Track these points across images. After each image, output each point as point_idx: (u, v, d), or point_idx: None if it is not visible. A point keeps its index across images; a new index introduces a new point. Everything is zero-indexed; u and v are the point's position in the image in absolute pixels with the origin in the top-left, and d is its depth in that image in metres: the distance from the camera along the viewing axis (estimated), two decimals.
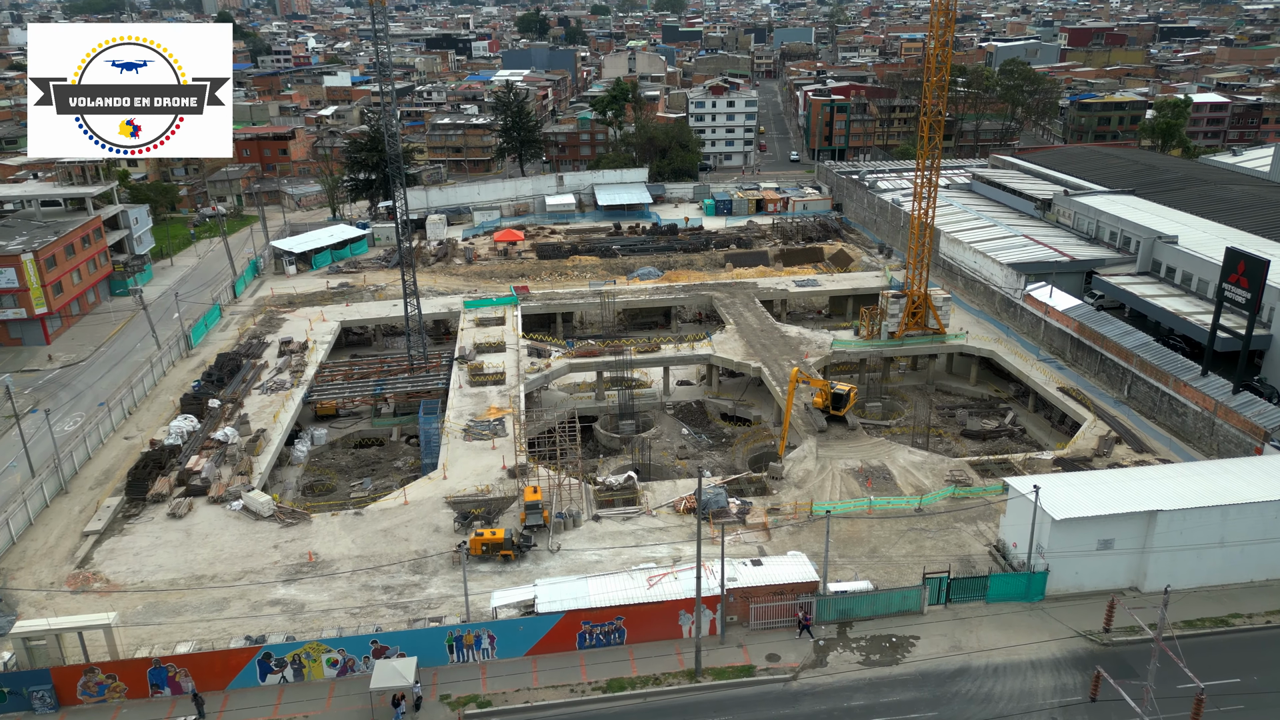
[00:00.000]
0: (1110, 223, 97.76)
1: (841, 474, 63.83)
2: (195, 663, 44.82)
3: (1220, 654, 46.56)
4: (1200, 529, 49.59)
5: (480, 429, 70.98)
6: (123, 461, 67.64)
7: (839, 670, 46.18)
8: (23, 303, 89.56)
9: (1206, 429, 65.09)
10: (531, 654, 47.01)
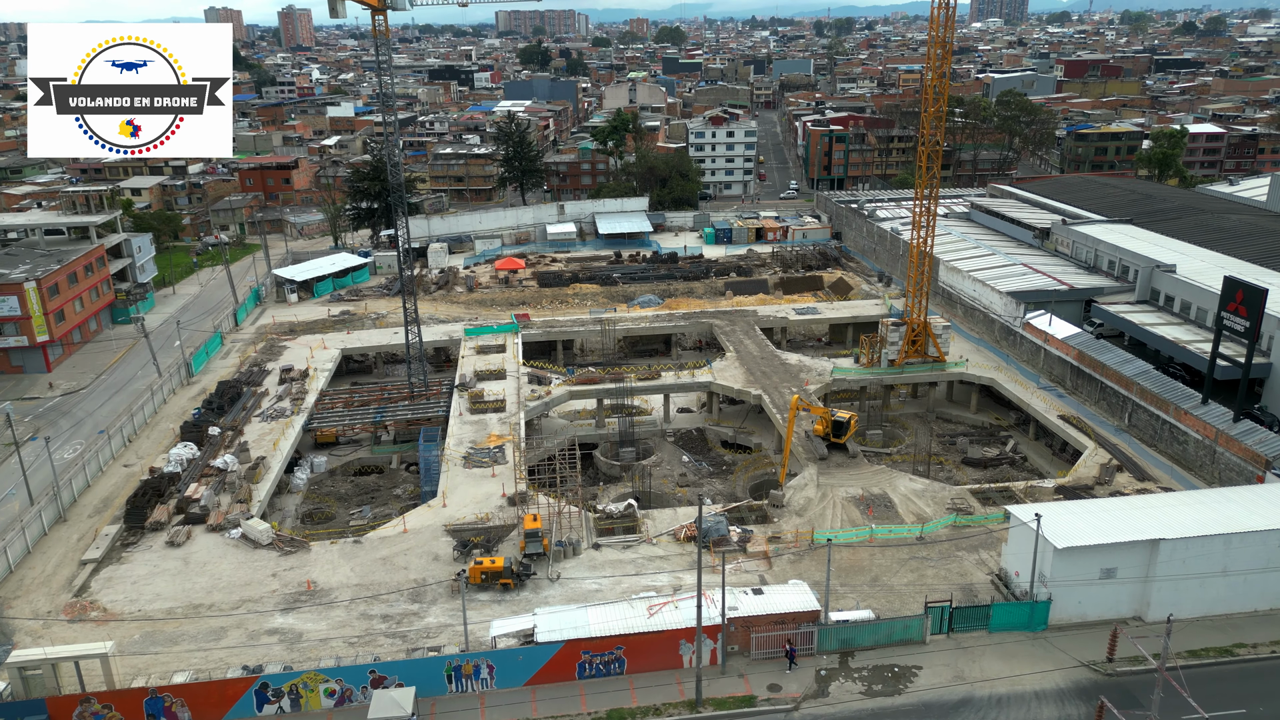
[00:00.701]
0: (1109, 251, 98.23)
1: (842, 502, 63.65)
2: (192, 693, 44.45)
3: (1225, 685, 46.20)
4: (1203, 558, 49.39)
5: (480, 456, 70.90)
6: (122, 489, 67.53)
7: (841, 700, 45.78)
8: (24, 330, 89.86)
9: (1208, 457, 64.99)
10: (531, 684, 46.62)
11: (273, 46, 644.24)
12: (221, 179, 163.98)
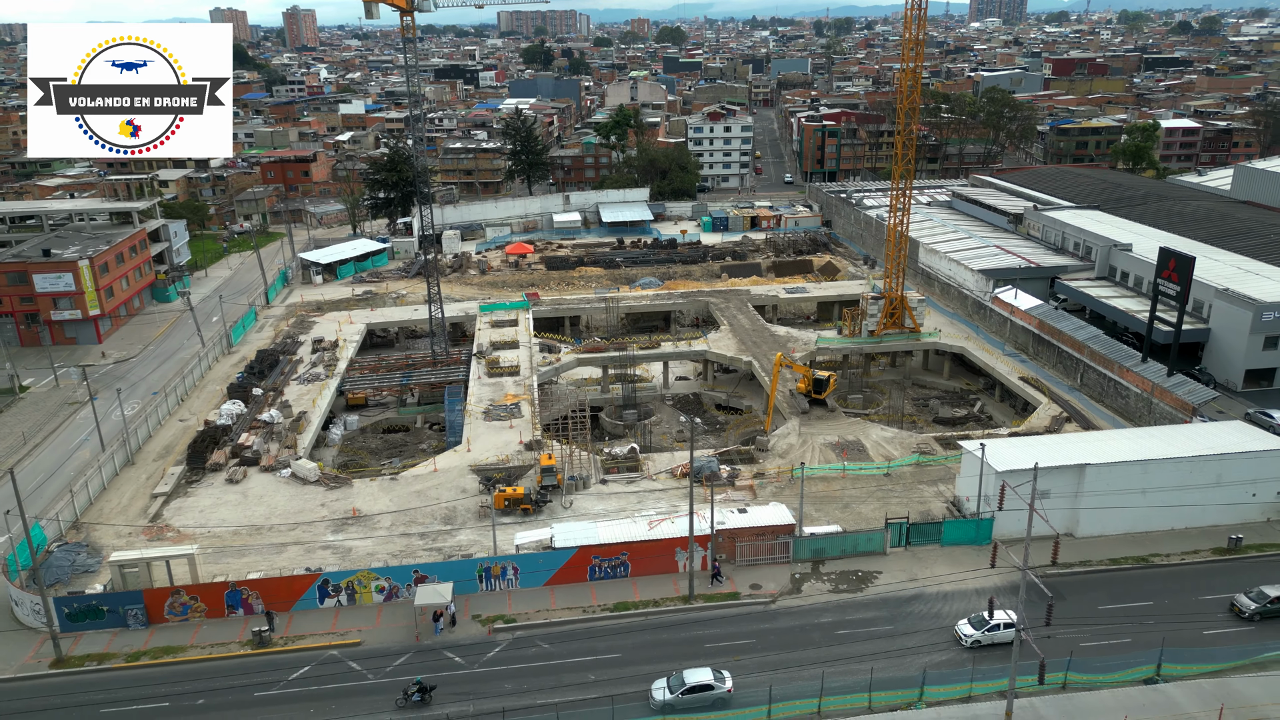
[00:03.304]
0: (1074, 234, 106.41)
1: (820, 447, 71.94)
2: (265, 587, 52.80)
3: (1138, 584, 54.51)
4: (1124, 480, 57.62)
5: (498, 412, 79.20)
6: (179, 439, 75.90)
7: (812, 596, 54.09)
8: (78, 305, 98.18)
9: (1145, 408, 73.25)
10: (549, 584, 54.90)
11: (278, 47, 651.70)
12: (243, 172, 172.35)
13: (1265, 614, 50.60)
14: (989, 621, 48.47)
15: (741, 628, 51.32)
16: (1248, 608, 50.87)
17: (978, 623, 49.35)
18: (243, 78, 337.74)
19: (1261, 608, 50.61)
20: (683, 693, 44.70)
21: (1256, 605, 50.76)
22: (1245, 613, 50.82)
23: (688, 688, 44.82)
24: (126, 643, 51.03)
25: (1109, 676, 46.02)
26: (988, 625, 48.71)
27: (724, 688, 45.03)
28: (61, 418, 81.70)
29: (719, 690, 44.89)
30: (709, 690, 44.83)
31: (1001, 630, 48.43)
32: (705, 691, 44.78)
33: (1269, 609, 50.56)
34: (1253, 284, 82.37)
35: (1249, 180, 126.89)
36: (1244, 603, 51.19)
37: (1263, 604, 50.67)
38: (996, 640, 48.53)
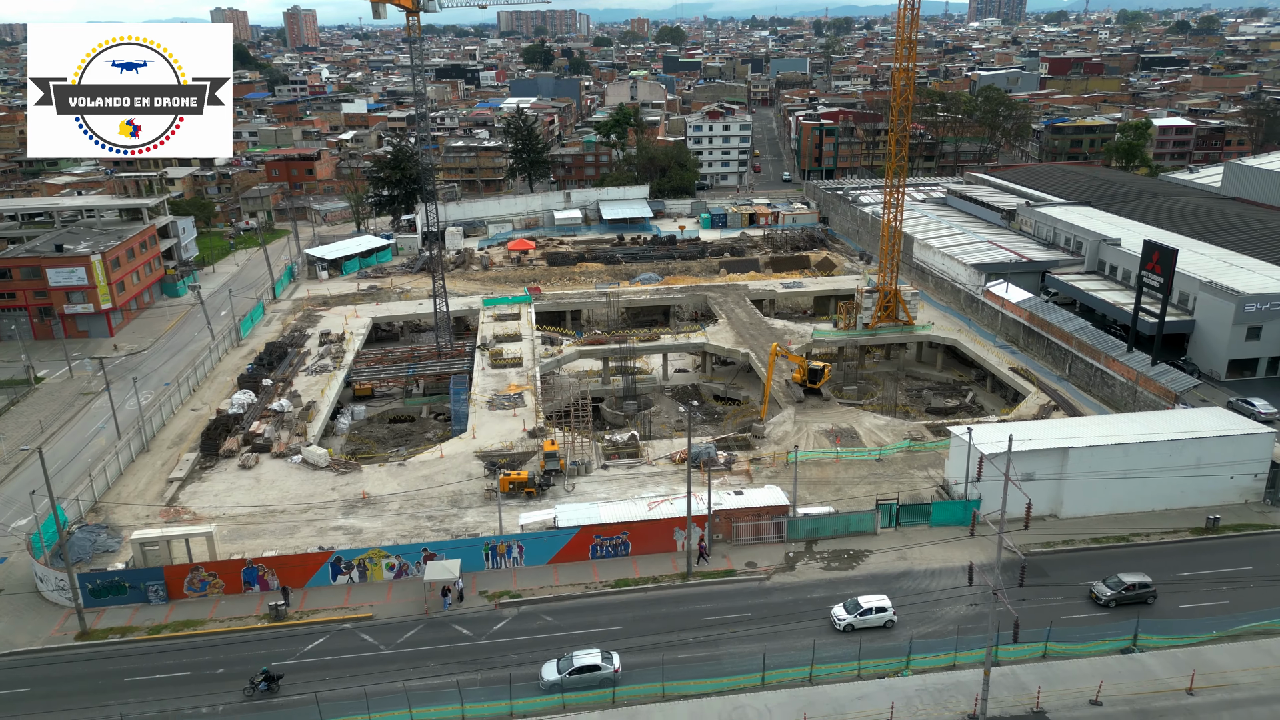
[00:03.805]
0: (1065, 229, 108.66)
1: (815, 434, 74.17)
2: (280, 564, 55.03)
3: (1119, 562, 56.59)
4: (1106, 462, 59.82)
5: (502, 401, 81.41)
6: (192, 427, 78.11)
7: (805, 574, 56.31)
8: (90, 299, 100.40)
9: (1130, 396, 75.47)
10: (553, 562, 57.13)
11: (278, 46, 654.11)
12: (248, 170, 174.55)
13: (1121, 601, 51.58)
14: (861, 606, 50.14)
15: (737, 602, 53.53)
16: (1104, 595, 51.87)
17: (851, 607, 50.61)
18: (244, 77, 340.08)
19: (1117, 595, 51.64)
20: (570, 673, 45.92)
21: (1112, 592, 51.79)
22: (1102, 599, 51.79)
23: (575, 668, 46.01)
24: (148, 617, 53.26)
25: (1087, 646, 48.19)
26: (860, 610, 50.18)
27: (611, 668, 46.16)
28: (77, 407, 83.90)
29: (606, 670, 46.04)
30: (596, 670, 46.01)
31: (874, 614, 50.13)
32: (593, 672, 45.95)
33: (1124, 596, 51.59)
34: (1237, 276, 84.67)
35: (1239, 177, 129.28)
36: (1101, 590, 52.14)
37: (1118, 591, 51.72)
38: (868, 624, 50.07)
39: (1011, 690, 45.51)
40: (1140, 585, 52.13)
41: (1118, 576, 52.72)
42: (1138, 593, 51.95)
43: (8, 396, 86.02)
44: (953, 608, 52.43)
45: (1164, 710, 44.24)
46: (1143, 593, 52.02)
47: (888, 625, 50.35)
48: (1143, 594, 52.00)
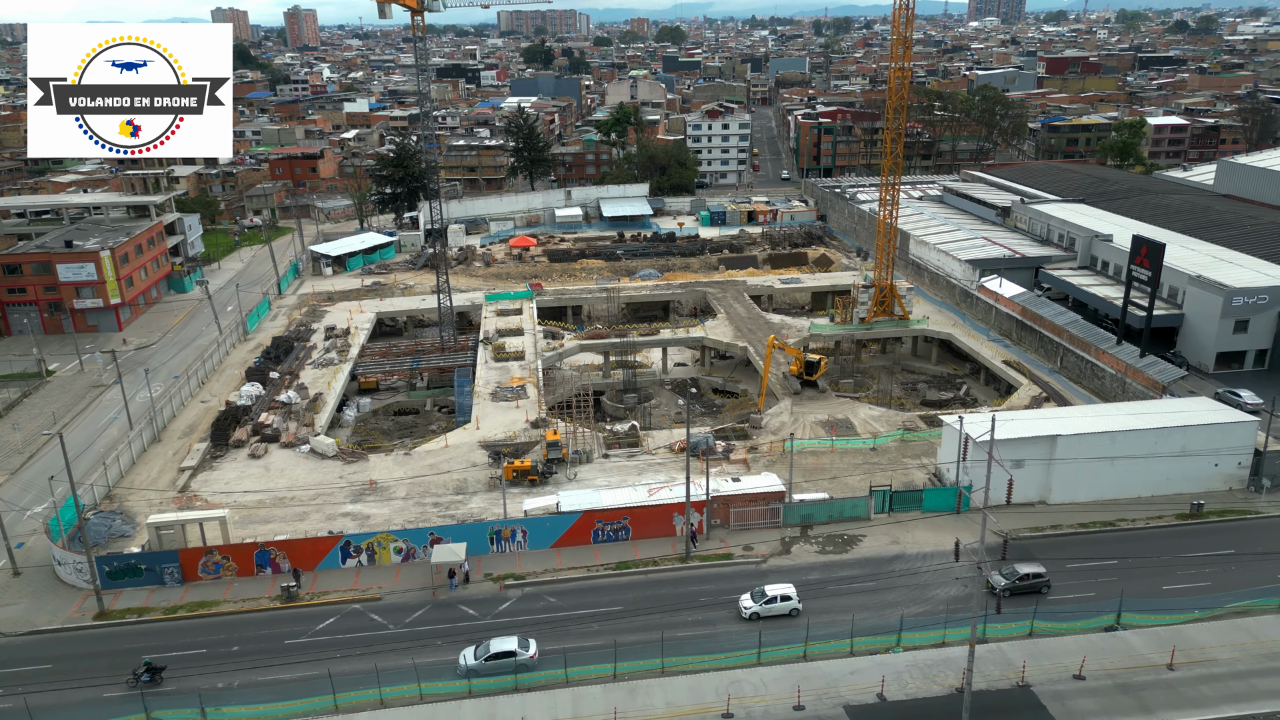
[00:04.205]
0: (1059, 226, 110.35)
1: (811, 425, 75.87)
2: (291, 547, 56.74)
3: (1105, 545, 58.43)
4: (1093, 449, 61.50)
5: (505, 393, 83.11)
6: (202, 419, 79.84)
7: (800, 557, 58.02)
8: (100, 294, 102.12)
9: (1119, 387, 77.18)
10: (556, 546, 58.83)
11: (279, 46, 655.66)
12: (251, 168, 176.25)
13: (1015, 590, 52.61)
14: (767, 595, 51.32)
15: (734, 584, 55.19)
16: (999, 584, 52.81)
17: (758, 596, 51.68)
18: (246, 77, 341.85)
19: (1011, 584, 52.73)
20: (486, 659, 46.86)
21: (1007, 582, 52.83)
22: (996, 589, 52.60)
23: (491, 654, 46.96)
24: (163, 599, 54.97)
25: (1072, 624, 49.88)
26: (765, 598, 51.37)
27: (527, 654, 47.17)
28: (88, 399, 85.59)
29: (522, 657, 47.01)
30: (512, 656, 46.93)
31: (779, 602, 51.22)
32: (508, 658, 46.87)
33: (1018, 585, 52.66)
34: (1225, 271, 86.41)
35: (1231, 175, 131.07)
36: (996, 579, 52.98)
37: (1012, 581, 52.82)
38: (774, 612, 51.04)
39: (998, 666, 47.21)
40: (1034, 575, 53.11)
41: (1014, 566, 53.69)
42: (1031, 582, 52.89)
43: (20, 389, 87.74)
44: (943, 589, 54.10)
45: (1145, 684, 45.91)
46: (1036, 582, 52.95)
47: (792, 613, 51.21)
48: (1036, 584, 52.94)
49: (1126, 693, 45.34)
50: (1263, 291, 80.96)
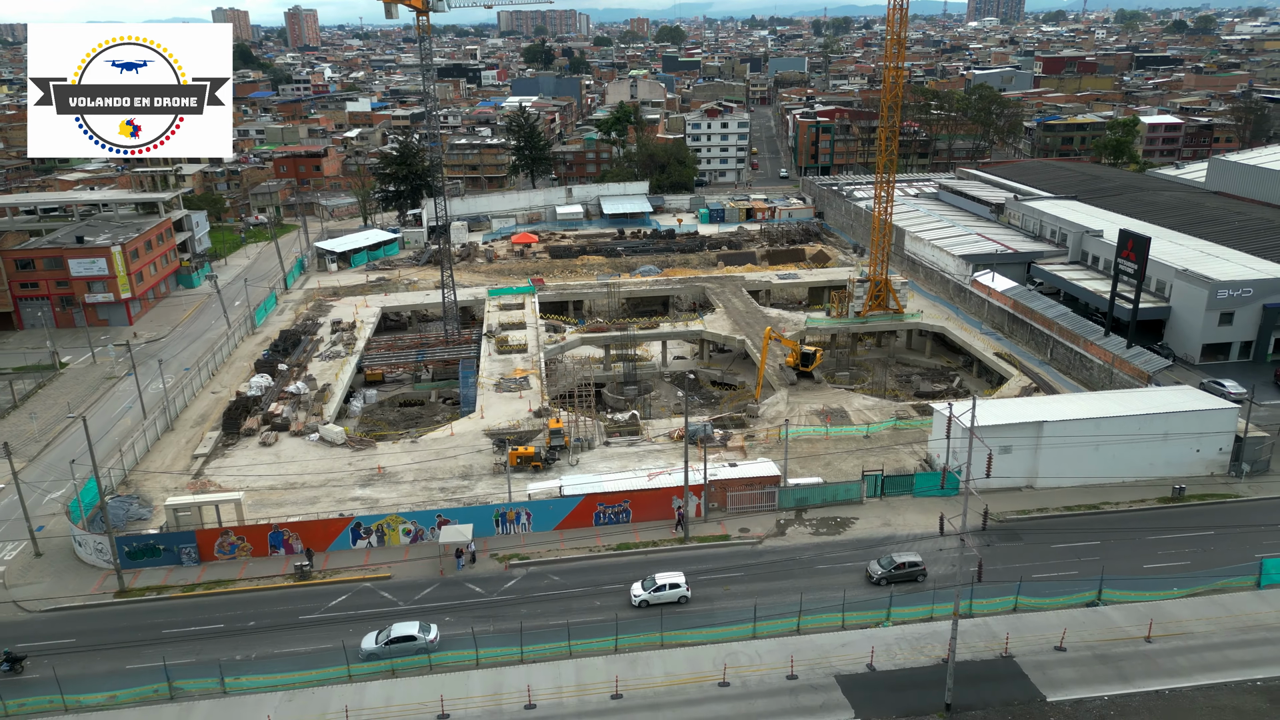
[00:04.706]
0: (1051, 222, 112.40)
1: (806, 414, 77.93)
2: (304, 528, 58.85)
3: (1088, 528, 60.53)
4: (1078, 434, 63.58)
5: (509, 384, 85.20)
6: (213, 408, 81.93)
7: (794, 539, 60.13)
8: (111, 288, 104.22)
9: (1106, 377, 79.27)
10: (559, 528, 60.96)
11: (280, 46, 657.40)
12: (256, 167, 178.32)
13: (891, 579, 54.20)
14: (657, 584, 52.79)
15: (731, 563, 57.34)
16: (876, 573, 54.58)
17: (648, 584, 53.09)
18: (248, 77, 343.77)
19: (888, 573, 54.31)
20: (388, 643, 48.37)
21: (883, 570, 54.48)
22: (874, 577, 54.38)
23: (393, 639, 48.46)
24: (181, 577, 57.07)
25: (1055, 600, 51.99)
26: (655, 587, 52.64)
27: (428, 638, 48.66)
28: (101, 390, 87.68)
29: (422, 641, 48.54)
30: (412, 640, 48.48)
31: (667, 590, 52.61)
32: (409, 642, 48.42)
33: (894, 574, 54.25)
34: (1211, 265, 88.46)
35: (1222, 172, 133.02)
36: (874, 568, 54.90)
37: (889, 569, 54.44)
38: (662, 600, 52.39)
39: (983, 638, 49.34)
40: (910, 564, 54.64)
41: (890, 556, 55.48)
42: (907, 571, 54.46)
43: (35, 380, 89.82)
44: (932, 568, 56.09)
45: (1123, 655, 48.02)
46: (912, 571, 54.50)
47: (681, 601, 52.54)
48: (912, 572, 54.49)
49: (1105, 663, 47.45)
50: (1247, 285, 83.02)
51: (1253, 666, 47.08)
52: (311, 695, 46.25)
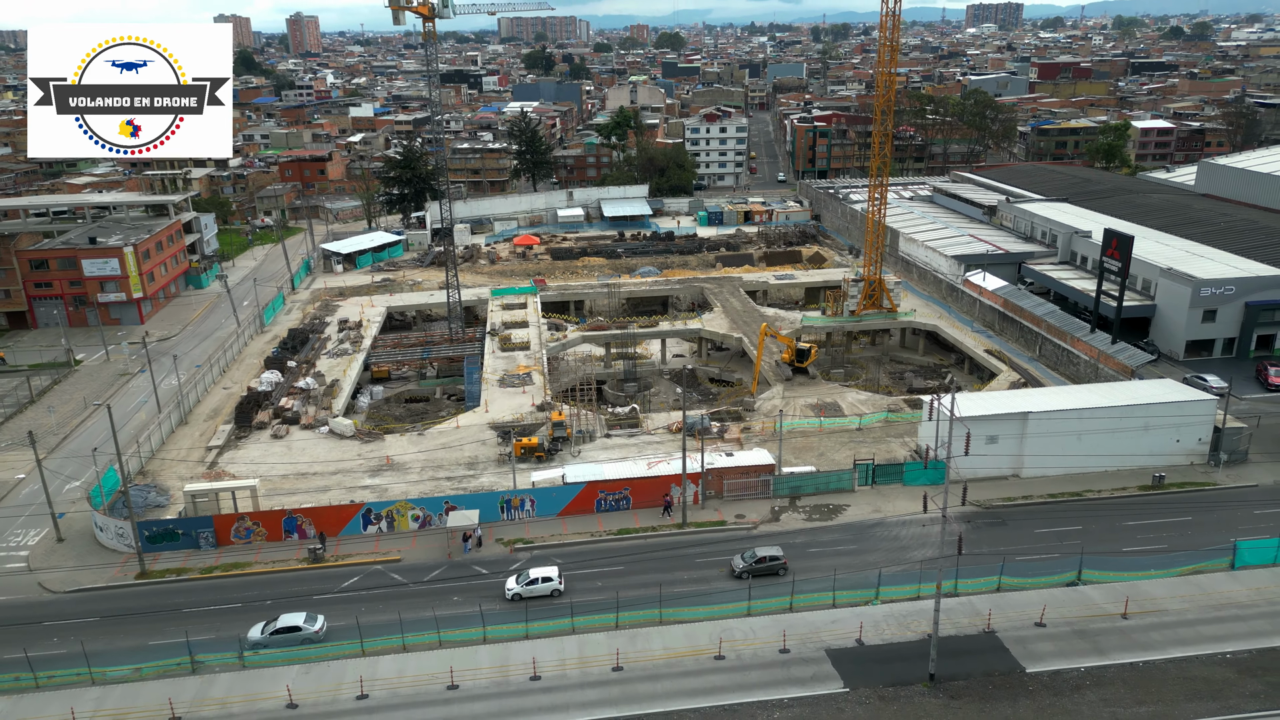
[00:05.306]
0: (1041, 223, 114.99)
1: (801, 408, 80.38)
2: (317, 514, 61.22)
3: (1071, 514, 62.86)
4: (1062, 425, 65.99)
5: (512, 380, 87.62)
6: (226, 403, 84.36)
7: (788, 525, 62.49)
8: (123, 288, 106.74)
9: (1092, 372, 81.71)
10: (561, 515, 63.31)
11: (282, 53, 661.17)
12: (261, 171, 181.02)
13: (753, 572, 55.23)
14: (530, 577, 54.15)
15: (726, 547, 59.62)
16: (738, 566, 55.61)
17: (521, 579, 54.42)
18: (251, 83, 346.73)
19: (749, 566, 55.34)
20: (272, 633, 49.71)
21: (745, 564, 55.46)
22: (736, 570, 55.48)
23: (278, 629, 49.86)
24: (199, 561, 59.42)
25: (1036, 580, 54.34)
26: (527, 580, 54.09)
27: (313, 629, 49.99)
28: (116, 386, 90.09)
29: (307, 631, 49.91)
30: (297, 631, 49.87)
31: (540, 584, 53.91)
32: (294, 632, 49.81)
33: (755, 567, 55.29)
34: (1196, 264, 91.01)
35: (1211, 175, 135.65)
36: (736, 562, 55.94)
37: (750, 563, 55.44)
38: (535, 593, 53.67)
39: (967, 615, 51.69)
40: (771, 558, 55.65)
41: (753, 550, 56.45)
42: (768, 564, 55.46)
43: (50, 376, 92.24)
44: (920, 550, 58.50)
45: (1100, 630, 50.36)
46: (773, 564, 55.50)
47: (554, 594, 53.76)
48: (773, 565, 55.49)
49: (1083, 638, 49.79)
50: (1230, 283, 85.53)
51: (1224, 641, 49.40)
52: (327, 668, 48.58)
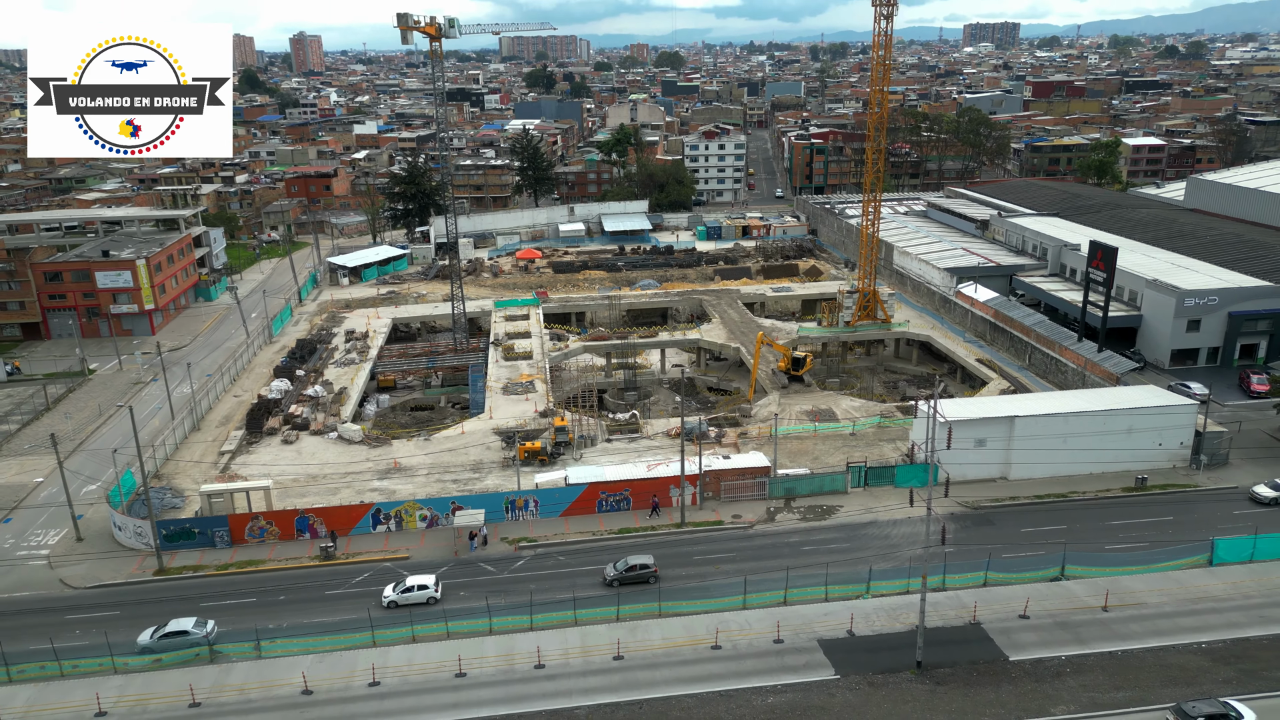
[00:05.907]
0: (1032, 237, 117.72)
1: (797, 414, 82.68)
2: (328, 514, 63.44)
3: (1056, 514, 65.08)
4: (1048, 428, 68.29)
5: (515, 388, 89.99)
6: (237, 410, 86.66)
7: (783, 525, 64.69)
8: (135, 300, 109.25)
9: (1080, 380, 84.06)
10: (564, 515, 65.49)
11: (285, 72, 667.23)
12: (268, 187, 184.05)
13: (623, 580, 56.47)
14: (405, 584, 55.39)
15: (723, 546, 61.90)
16: (610, 575, 56.84)
17: (397, 586, 55.61)
18: (255, 101, 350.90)
19: (620, 575, 56.54)
20: (160, 637, 51.35)
21: (616, 573, 56.71)
22: (608, 579, 56.77)
23: (165, 633, 51.45)
24: (215, 558, 61.59)
25: (1021, 575, 56.48)
26: (403, 588, 55.18)
27: (202, 633, 51.53)
28: (129, 394, 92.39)
29: (197, 635, 51.41)
30: (186, 635, 51.42)
31: (416, 592, 55.04)
32: (183, 636, 51.38)
33: (625, 576, 56.52)
34: (1181, 276, 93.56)
35: (1199, 191, 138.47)
36: (609, 571, 57.15)
37: (621, 571, 56.68)
38: (411, 601, 54.75)
39: (954, 608, 53.82)
40: (641, 566, 56.94)
41: (625, 559, 57.66)
42: (639, 573, 56.72)
43: (65, 385, 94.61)
44: (910, 548, 60.66)
45: (1082, 622, 52.48)
46: (643, 573, 56.78)
47: (430, 601, 54.85)
48: (643, 574, 56.77)
49: (1065, 629, 51.91)
50: (1213, 294, 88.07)
51: (1200, 632, 51.52)
52: (340, 657, 50.68)
